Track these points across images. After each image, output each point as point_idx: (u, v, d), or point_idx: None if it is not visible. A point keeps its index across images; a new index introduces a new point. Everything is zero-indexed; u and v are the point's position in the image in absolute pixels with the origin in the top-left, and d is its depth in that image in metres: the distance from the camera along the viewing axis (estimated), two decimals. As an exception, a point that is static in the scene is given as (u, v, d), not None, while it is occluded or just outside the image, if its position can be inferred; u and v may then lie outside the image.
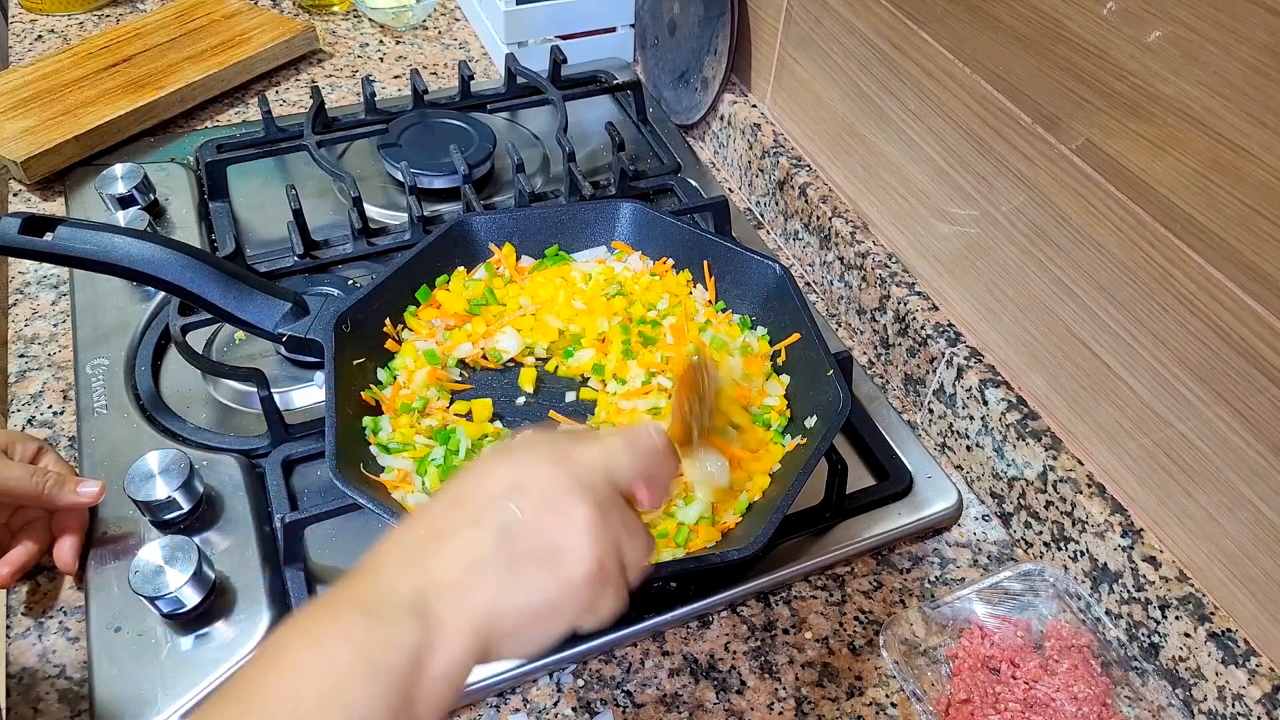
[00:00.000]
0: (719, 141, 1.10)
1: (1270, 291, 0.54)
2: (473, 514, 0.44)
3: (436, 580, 0.42)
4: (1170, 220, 0.59)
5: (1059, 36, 0.63)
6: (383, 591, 0.41)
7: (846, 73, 0.87)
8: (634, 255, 0.85)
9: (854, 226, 0.90)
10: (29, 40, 1.22)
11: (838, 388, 0.70)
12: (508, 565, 0.42)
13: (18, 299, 0.89)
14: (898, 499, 0.76)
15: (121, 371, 0.81)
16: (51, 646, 0.66)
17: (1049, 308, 0.70)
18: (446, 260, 0.82)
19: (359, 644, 0.39)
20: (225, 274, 0.70)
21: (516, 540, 0.43)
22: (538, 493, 0.44)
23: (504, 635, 0.42)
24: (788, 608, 0.71)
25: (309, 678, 0.39)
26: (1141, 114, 0.59)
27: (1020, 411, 0.74)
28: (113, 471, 0.73)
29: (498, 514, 0.43)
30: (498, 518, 0.43)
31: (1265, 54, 0.51)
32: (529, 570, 0.42)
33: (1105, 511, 0.68)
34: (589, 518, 0.43)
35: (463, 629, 0.41)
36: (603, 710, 0.64)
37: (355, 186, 0.92)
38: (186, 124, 1.11)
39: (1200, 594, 0.63)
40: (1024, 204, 0.70)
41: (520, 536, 0.43)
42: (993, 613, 0.68)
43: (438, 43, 1.27)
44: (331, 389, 0.68)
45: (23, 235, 0.65)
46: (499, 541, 0.42)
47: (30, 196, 1.00)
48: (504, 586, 0.42)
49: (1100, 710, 0.63)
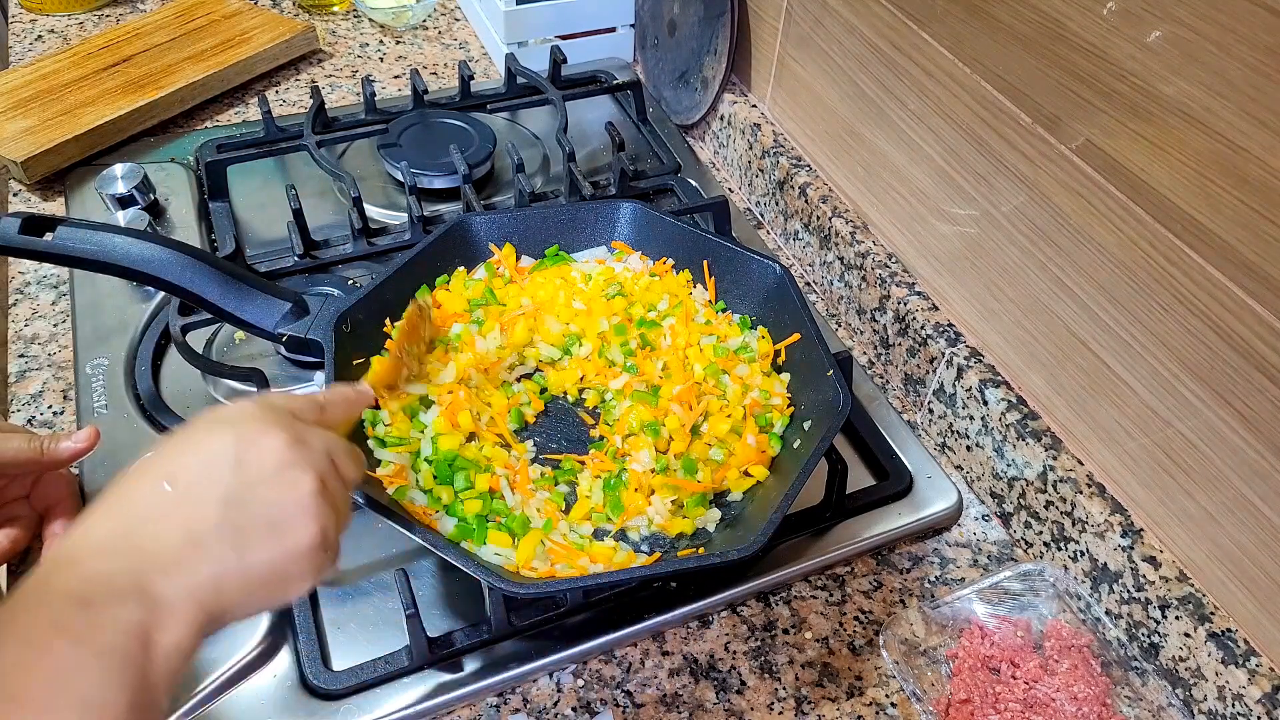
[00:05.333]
0: (719, 141, 1.10)
1: (1270, 291, 0.54)
2: (189, 491, 0.43)
3: (155, 559, 0.41)
4: (1170, 220, 0.59)
5: (1059, 36, 0.63)
6: (95, 582, 0.40)
7: (846, 73, 0.87)
8: (634, 255, 0.85)
9: (854, 226, 0.90)
10: (29, 40, 1.22)
11: (838, 388, 0.70)
12: (231, 536, 0.43)
13: (18, 299, 0.89)
14: (898, 499, 0.76)
15: (121, 371, 0.81)
16: (51, 646, 0.66)
17: (1049, 308, 0.70)
18: (446, 260, 0.82)
19: (80, 634, 0.38)
20: (225, 274, 0.70)
21: (241, 512, 0.43)
22: (262, 465, 0.44)
23: (230, 604, 0.43)
24: (788, 608, 0.71)
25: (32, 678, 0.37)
26: (1141, 114, 0.59)
27: (1020, 411, 0.74)
28: (113, 471, 0.73)
29: (217, 486, 0.43)
30: (217, 490, 0.43)
31: (1265, 54, 0.51)
32: (254, 541, 0.43)
33: (1105, 511, 0.68)
34: (311, 492, 0.45)
35: (187, 604, 0.41)
36: (603, 710, 0.64)
37: (355, 186, 0.92)
38: (186, 124, 1.11)
39: (1200, 594, 0.63)
40: (1024, 204, 0.70)
41: (245, 508, 0.43)
42: (993, 613, 0.68)
43: (438, 43, 1.27)
44: (331, 389, 0.68)
45: (23, 235, 0.65)
46: (221, 512, 0.43)
47: (30, 196, 1.00)
48: (229, 558, 0.42)
49: (1100, 710, 0.63)
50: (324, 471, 0.46)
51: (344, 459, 0.49)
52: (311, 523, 0.45)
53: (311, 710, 0.62)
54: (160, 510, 0.43)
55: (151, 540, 0.42)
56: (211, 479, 0.44)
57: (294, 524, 0.44)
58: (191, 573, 0.42)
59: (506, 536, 0.64)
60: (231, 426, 0.46)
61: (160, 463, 0.45)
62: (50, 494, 0.69)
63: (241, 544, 0.43)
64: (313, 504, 0.45)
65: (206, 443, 0.45)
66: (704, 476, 0.69)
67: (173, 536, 0.42)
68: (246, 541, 0.43)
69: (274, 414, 0.47)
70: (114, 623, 0.39)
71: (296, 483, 0.45)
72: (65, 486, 0.70)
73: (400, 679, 0.63)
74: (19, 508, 0.68)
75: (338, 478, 0.48)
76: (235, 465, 0.44)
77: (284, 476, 0.45)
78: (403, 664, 0.63)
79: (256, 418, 0.46)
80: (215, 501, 0.43)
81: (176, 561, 0.41)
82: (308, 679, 0.63)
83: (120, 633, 0.39)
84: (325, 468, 0.47)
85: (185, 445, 0.46)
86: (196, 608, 0.41)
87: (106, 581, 0.40)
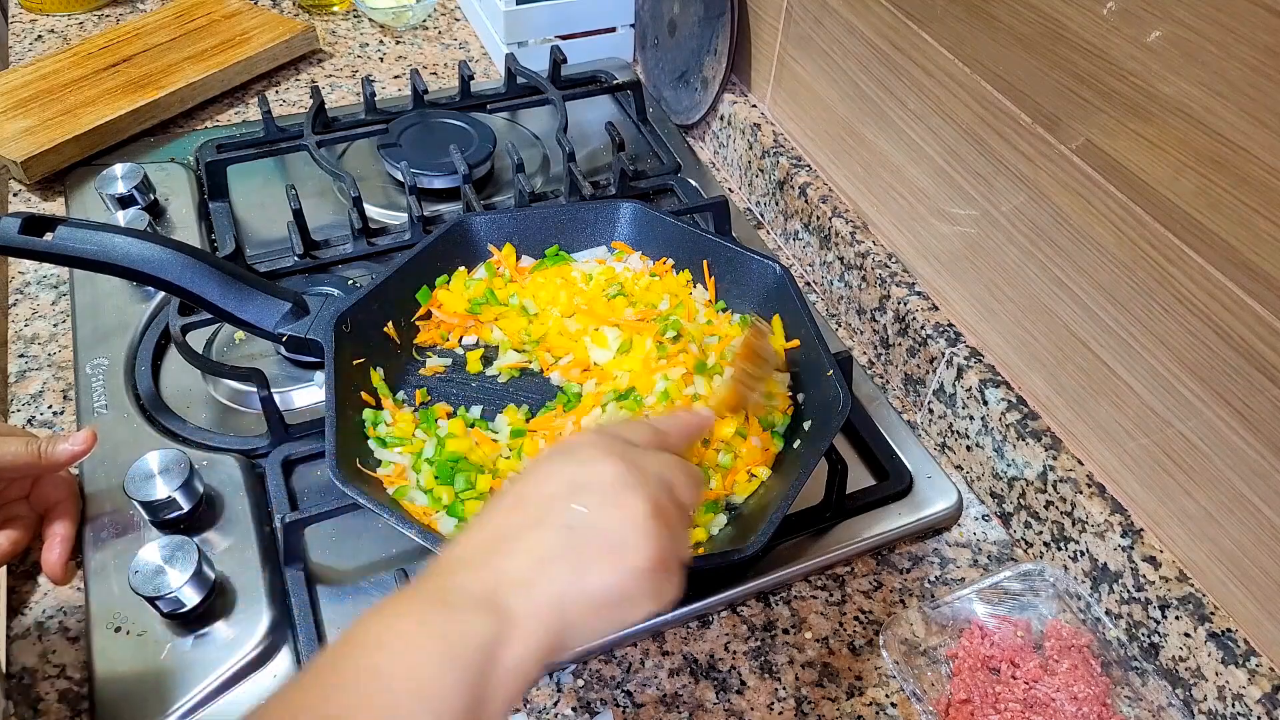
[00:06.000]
0: (719, 141, 1.10)
1: (1270, 291, 0.54)
2: (536, 515, 0.46)
3: (507, 577, 0.44)
4: (1170, 220, 0.59)
5: (1059, 36, 0.63)
6: (455, 589, 0.43)
7: (846, 73, 0.87)
8: (634, 255, 0.85)
9: (854, 226, 0.90)
10: (29, 40, 1.22)
11: (838, 388, 0.70)
12: (574, 560, 0.45)
13: (18, 299, 0.89)
14: (898, 499, 0.76)
15: (121, 371, 0.81)
16: (51, 646, 0.66)
17: (1049, 308, 0.70)
18: (447, 260, 0.82)
19: (438, 632, 0.41)
20: (225, 274, 0.70)
21: (581, 536, 0.45)
22: (598, 491, 0.46)
23: (573, 626, 0.44)
24: (788, 608, 0.71)
25: (392, 658, 0.40)
26: (1141, 114, 0.59)
27: (1020, 411, 0.74)
28: (113, 471, 0.73)
29: (561, 513, 0.46)
30: (562, 517, 0.46)
31: (1265, 54, 0.51)
32: (594, 563, 0.45)
33: (1105, 511, 0.68)
34: (647, 513, 0.46)
35: (534, 621, 0.43)
36: (603, 710, 0.64)
37: (355, 186, 0.92)
38: (186, 124, 1.11)
39: (1200, 594, 0.63)
40: (1024, 204, 0.70)
41: (584, 533, 0.45)
42: (993, 613, 0.68)
43: (438, 43, 1.27)
44: (331, 389, 0.68)
45: (23, 235, 0.65)
46: (565, 539, 0.45)
47: (30, 196, 1.00)
48: (571, 580, 0.44)
49: (1100, 710, 0.63)
50: (658, 494, 0.47)
51: (681, 482, 0.50)
52: (647, 544, 0.45)
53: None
54: (514, 531, 0.46)
55: (506, 558, 0.45)
56: (553, 505, 0.46)
57: (630, 546, 0.45)
58: (538, 591, 0.44)
59: (507, 536, 0.64)
60: (572, 454, 0.49)
61: (520, 486, 0.48)
62: (50, 495, 0.69)
63: (582, 565, 0.44)
64: (647, 525, 0.46)
65: (551, 469, 0.48)
66: (716, 484, 0.69)
67: (522, 557, 0.45)
68: (586, 563, 0.45)
69: (611, 442, 0.49)
70: (466, 629, 0.42)
71: (631, 505, 0.46)
72: (65, 487, 0.70)
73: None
74: (19, 508, 0.68)
75: (674, 501, 0.49)
76: (573, 489, 0.47)
77: (620, 499, 0.46)
78: (403, 664, 0.63)
79: (595, 445, 0.49)
80: (557, 526, 0.45)
81: (526, 580, 0.44)
82: (308, 679, 0.63)
83: (469, 641, 0.41)
84: (659, 491, 0.48)
85: (538, 471, 0.49)
86: (542, 625, 0.43)
87: (464, 589, 0.43)
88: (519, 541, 0.45)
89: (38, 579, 0.69)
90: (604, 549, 0.45)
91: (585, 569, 0.44)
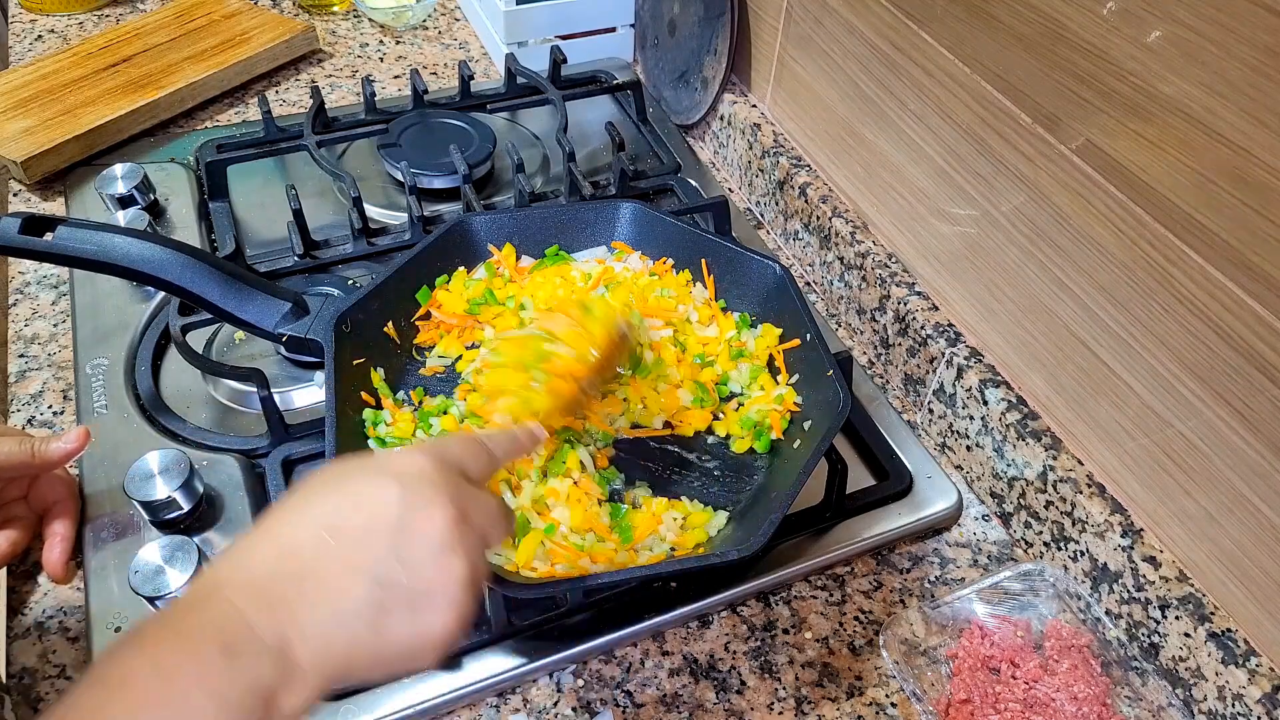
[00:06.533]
0: (719, 141, 1.10)
1: (1270, 291, 0.54)
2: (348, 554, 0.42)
3: (302, 630, 0.41)
4: (1170, 220, 0.59)
5: (1059, 36, 0.63)
6: (243, 629, 0.40)
7: (846, 73, 0.87)
8: (634, 255, 0.85)
9: (854, 226, 0.90)
10: (29, 40, 1.22)
11: (838, 388, 0.70)
12: (377, 619, 0.42)
13: (18, 299, 0.89)
14: (898, 499, 0.76)
15: (121, 371, 0.81)
16: (51, 646, 0.66)
17: (1049, 308, 0.70)
18: (447, 260, 0.82)
19: (217, 688, 0.38)
20: (225, 274, 0.70)
21: (391, 595, 0.42)
22: (422, 544, 0.43)
23: (356, 675, 0.43)
24: (788, 608, 0.71)
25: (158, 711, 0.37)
26: (1141, 114, 0.59)
27: (1020, 411, 0.74)
28: (113, 471, 0.73)
29: (377, 560, 0.42)
30: (376, 565, 0.42)
31: (1265, 54, 0.51)
32: (396, 625, 0.42)
33: (1105, 511, 0.68)
34: (464, 580, 0.43)
35: (318, 674, 0.41)
36: (603, 710, 0.64)
37: (355, 186, 0.92)
38: (186, 124, 1.11)
39: (1200, 594, 0.63)
40: (1024, 204, 0.70)
41: (395, 592, 0.42)
42: (993, 613, 0.68)
43: (438, 43, 1.27)
44: (331, 389, 0.68)
45: (23, 235, 0.65)
46: (373, 595, 0.42)
47: (30, 196, 1.00)
48: (368, 639, 0.42)
49: (1100, 710, 0.63)
50: (475, 555, 0.45)
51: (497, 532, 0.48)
52: (454, 614, 0.43)
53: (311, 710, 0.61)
54: (317, 565, 0.42)
55: (301, 600, 0.41)
56: (370, 544, 0.43)
57: (436, 612, 0.43)
58: (329, 645, 0.41)
59: (506, 537, 0.64)
60: (400, 485, 0.44)
61: (326, 505, 0.44)
62: (49, 494, 0.69)
63: (381, 625, 0.42)
64: (460, 595, 0.43)
65: (372, 497, 0.44)
66: None
67: (324, 609, 0.42)
68: (387, 623, 0.42)
69: (445, 476, 0.45)
70: (248, 678, 0.39)
71: (449, 570, 0.43)
72: (64, 487, 0.70)
73: (400, 679, 0.63)
74: (18, 509, 0.68)
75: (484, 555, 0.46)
76: (395, 533, 0.43)
77: (439, 561, 0.43)
78: (403, 664, 0.63)
79: (428, 479, 0.45)
80: (367, 574, 0.42)
81: (319, 633, 0.41)
82: (308, 679, 0.63)
83: (250, 688, 0.39)
84: (477, 548, 0.45)
85: (352, 493, 0.44)
86: (324, 676, 0.41)
87: (252, 631, 0.40)
88: (323, 586, 0.42)
89: (38, 579, 0.69)
90: (410, 611, 0.42)
91: (386, 630, 0.42)
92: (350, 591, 0.42)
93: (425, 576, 0.43)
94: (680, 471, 0.73)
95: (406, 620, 0.43)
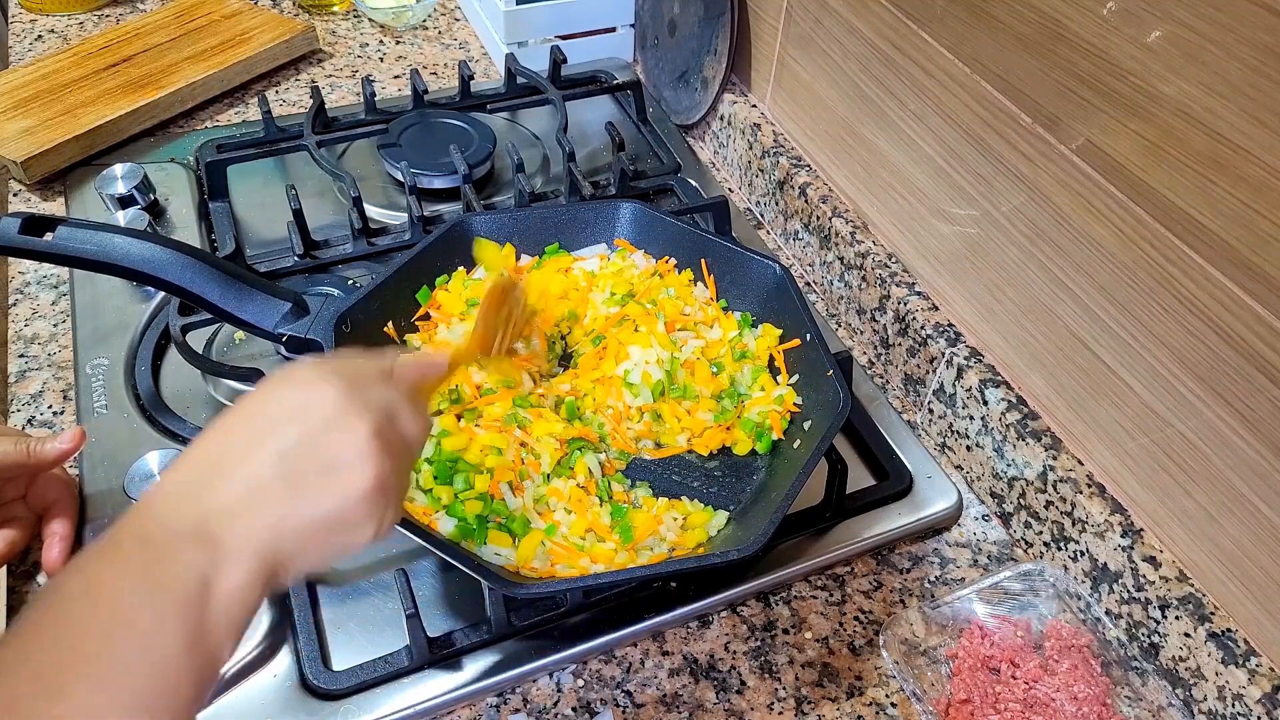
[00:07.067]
0: (719, 141, 1.10)
1: (1270, 291, 0.54)
2: (247, 441, 0.45)
3: (217, 507, 0.42)
4: (1170, 220, 0.59)
5: (1059, 36, 0.63)
6: (159, 528, 0.42)
7: (846, 73, 0.87)
8: (638, 254, 0.85)
9: (854, 226, 0.90)
10: (29, 40, 1.22)
11: (838, 388, 0.70)
12: (288, 485, 0.43)
13: (18, 299, 0.89)
14: (898, 499, 0.76)
15: (121, 371, 0.81)
16: (51, 646, 0.66)
17: (1049, 308, 0.70)
18: (446, 260, 0.82)
19: (139, 571, 0.40)
20: (225, 274, 0.70)
21: (296, 461, 0.44)
22: (319, 413, 0.45)
23: (290, 553, 0.44)
24: (788, 608, 0.71)
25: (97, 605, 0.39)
26: (1141, 114, 0.59)
27: (1020, 411, 0.74)
28: (113, 471, 0.73)
29: (277, 437, 0.44)
30: (277, 441, 0.44)
31: (1265, 54, 0.51)
32: (310, 488, 0.44)
33: (1105, 511, 0.68)
34: (368, 436, 0.45)
35: (247, 549, 0.42)
36: (603, 710, 0.64)
37: (355, 186, 0.92)
38: (186, 124, 1.11)
39: (1200, 594, 0.63)
40: (1024, 204, 0.70)
41: (300, 457, 0.44)
42: (993, 613, 0.68)
43: (438, 43, 1.27)
44: (331, 389, 0.68)
45: (23, 235, 0.65)
46: (279, 464, 0.44)
47: (30, 196, 1.00)
48: (286, 506, 0.43)
49: (1100, 710, 0.63)
50: (381, 421, 0.46)
51: (406, 415, 0.49)
52: (366, 467, 0.45)
53: (311, 710, 0.62)
54: (226, 459, 0.44)
55: (216, 488, 0.43)
56: (271, 429, 0.45)
57: (349, 469, 0.44)
58: (250, 519, 0.42)
59: (506, 537, 0.64)
60: (293, 380, 0.47)
61: (232, 416, 0.46)
62: (48, 494, 0.69)
63: (297, 491, 0.43)
64: (367, 447, 0.45)
65: (271, 395, 0.47)
66: None
67: (235, 485, 0.43)
68: (302, 489, 0.44)
69: (334, 370, 0.48)
70: (173, 563, 0.40)
71: (352, 429, 0.45)
72: (63, 487, 0.70)
73: (400, 679, 0.63)
74: (17, 508, 0.68)
75: (396, 431, 0.48)
76: (293, 414, 0.45)
77: (340, 423, 0.45)
78: (403, 664, 0.63)
79: (317, 372, 0.47)
80: (274, 450, 0.44)
81: (236, 508, 0.42)
82: (308, 679, 0.63)
83: (178, 573, 0.40)
84: (383, 418, 0.47)
85: (255, 399, 0.47)
86: (255, 552, 0.42)
87: (170, 524, 0.42)
88: (230, 471, 0.43)
89: (38, 579, 0.69)
90: (321, 472, 0.44)
91: (300, 494, 0.43)
92: (256, 467, 0.43)
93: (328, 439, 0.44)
94: (680, 471, 0.73)
95: (322, 484, 0.44)
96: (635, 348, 0.75)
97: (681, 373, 0.75)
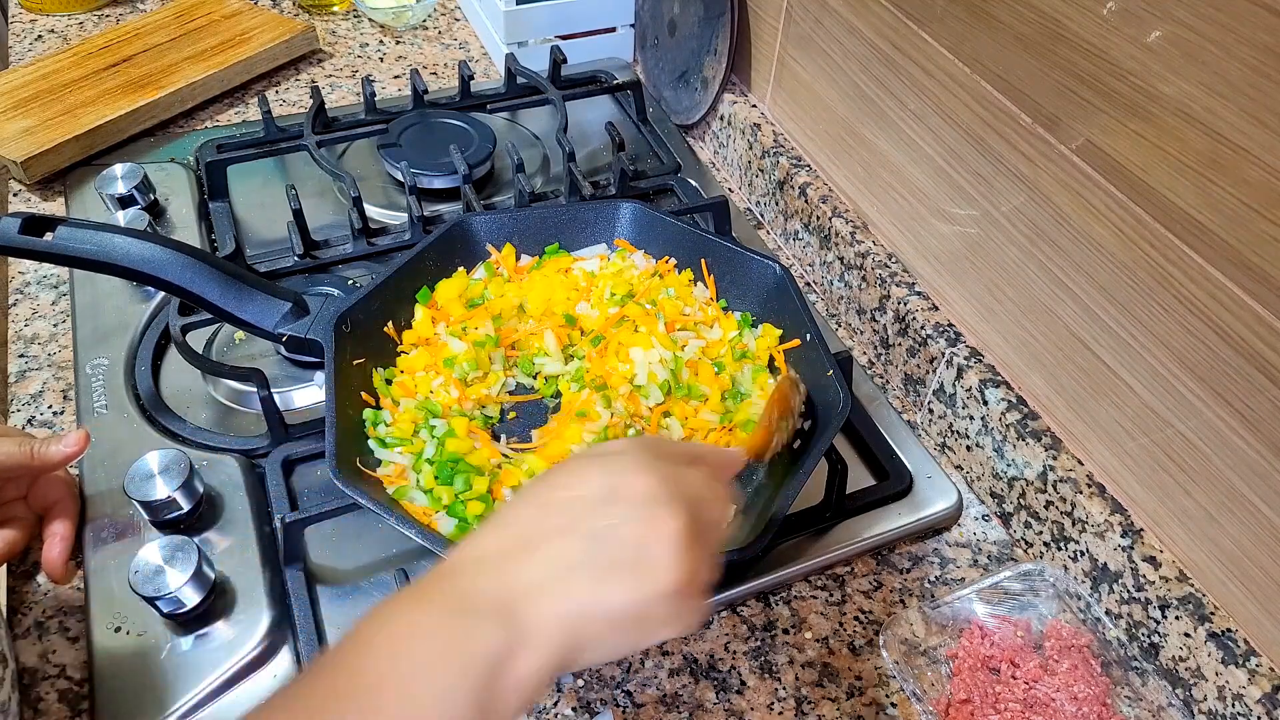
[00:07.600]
0: (719, 141, 1.10)
1: (1270, 291, 0.54)
2: (560, 520, 0.44)
3: (524, 586, 0.42)
4: (1170, 220, 0.59)
5: (1059, 36, 0.63)
6: (468, 594, 0.42)
7: (846, 73, 0.87)
8: (638, 254, 0.85)
9: (854, 226, 0.90)
10: (29, 40, 1.22)
11: (838, 388, 0.70)
12: (597, 572, 0.42)
13: (18, 299, 0.89)
14: (898, 499, 0.76)
15: (121, 371, 0.81)
16: (51, 646, 0.66)
17: (1049, 308, 0.70)
18: (446, 260, 0.82)
19: (450, 641, 0.40)
20: (225, 274, 0.70)
21: (607, 548, 0.43)
22: (630, 502, 0.44)
23: (587, 642, 0.42)
24: (788, 608, 0.71)
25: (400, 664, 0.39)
26: (1141, 114, 0.59)
27: (1020, 411, 0.74)
28: (113, 471, 0.73)
29: (589, 521, 0.43)
30: (589, 525, 0.43)
31: (1265, 54, 0.51)
32: (617, 579, 0.42)
33: (1105, 511, 0.68)
34: (680, 531, 0.43)
35: (547, 634, 0.41)
36: (603, 710, 0.64)
37: (355, 186, 0.92)
38: (186, 124, 1.11)
39: (1200, 594, 0.63)
40: (1024, 204, 0.70)
41: (611, 544, 0.43)
42: (993, 613, 0.68)
43: (438, 43, 1.27)
44: (331, 389, 0.68)
45: (23, 235, 0.65)
46: (589, 548, 0.43)
47: (30, 196, 1.00)
48: (591, 594, 0.42)
49: (1100, 710, 0.63)
50: (693, 513, 0.45)
51: (715, 503, 0.48)
52: (676, 564, 0.43)
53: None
54: (536, 535, 0.44)
55: (523, 566, 0.43)
56: (584, 511, 0.44)
57: (657, 564, 0.43)
58: (553, 603, 0.42)
59: (507, 537, 0.64)
60: (605, 460, 0.46)
61: (543, 490, 0.46)
62: (49, 495, 0.69)
63: (604, 579, 0.42)
64: (678, 545, 0.43)
65: (582, 475, 0.46)
66: None
67: (542, 565, 0.42)
68: (608, 579, 0.42)
69: (645, 452, 0.47)
70: (478, 639, 0.40)
71: (663, 522, 0.43)
72: (64, 487, 0.70)
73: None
74: (17, 509, 0.68)
75: (705, 522, 0.46)
76: (607, 498, 0.44)
77: (654, 514, 0.43)
78: (403, 664, 0.63)
79: (630, 454, 0.46)
80: (584, 534, 0.43)
81: (542, 591, 0.42)
82: (308, 679, 0.63)
83: (480, 650, 0.40)
84: (694, 509, 0.45)
85: (566, 475, 0.46)
86: (555, 639, 0.41)
87: (478, 597, 0.41)
88: (540, 548, 0.43)
89: (38, 579, 0.69)
90: (629, 565, 0.42)
91: (606, 584, 0.42)
92: (566, 548, 0.43)
93: (639, 531, 0.43)
94: (680, 471, 0.73)
95: (629, 576, 0.42)
96: (637, 349, 0.75)
97: (685, 372, 0.75)
